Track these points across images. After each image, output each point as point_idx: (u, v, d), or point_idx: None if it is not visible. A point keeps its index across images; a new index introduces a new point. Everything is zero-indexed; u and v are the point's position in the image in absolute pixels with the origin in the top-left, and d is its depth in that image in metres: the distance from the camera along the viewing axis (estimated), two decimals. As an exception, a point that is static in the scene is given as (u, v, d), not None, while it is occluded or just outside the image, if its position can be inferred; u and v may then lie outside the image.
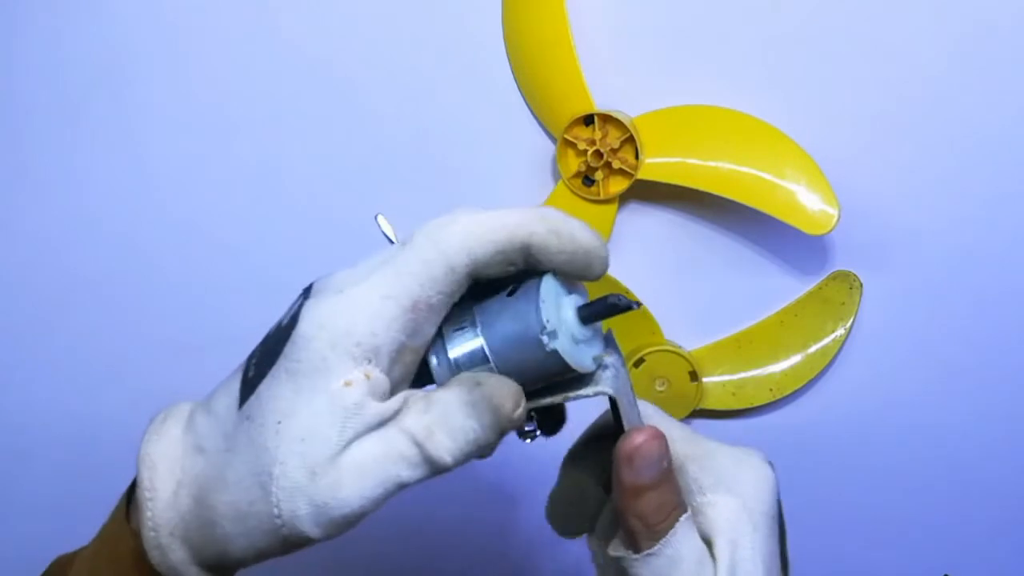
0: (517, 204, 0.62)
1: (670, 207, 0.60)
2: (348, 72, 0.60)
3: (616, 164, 0.56)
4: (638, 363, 0.60)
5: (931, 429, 0.62)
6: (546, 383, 0.31)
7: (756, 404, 0.61)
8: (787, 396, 0.60)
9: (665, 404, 0.60)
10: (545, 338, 0.29)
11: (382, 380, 0.30)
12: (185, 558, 0.31)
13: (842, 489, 0.63)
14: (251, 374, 0.32)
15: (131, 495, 0.34)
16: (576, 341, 0.30)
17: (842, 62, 0.56)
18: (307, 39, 0.60)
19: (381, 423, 0.30)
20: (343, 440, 0.29)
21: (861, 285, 0.59)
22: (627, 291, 0.59)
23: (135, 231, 0.63)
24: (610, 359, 0.32)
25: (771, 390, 0.60)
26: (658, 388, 0.60)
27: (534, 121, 0.60)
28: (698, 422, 0.63)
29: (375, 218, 0.62)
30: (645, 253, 0.61)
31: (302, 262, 0.63)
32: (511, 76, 0.59)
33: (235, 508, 0.30)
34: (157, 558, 0.31)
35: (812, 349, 0.60)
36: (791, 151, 0.55)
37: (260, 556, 0.31)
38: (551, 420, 0.35)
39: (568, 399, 0.32)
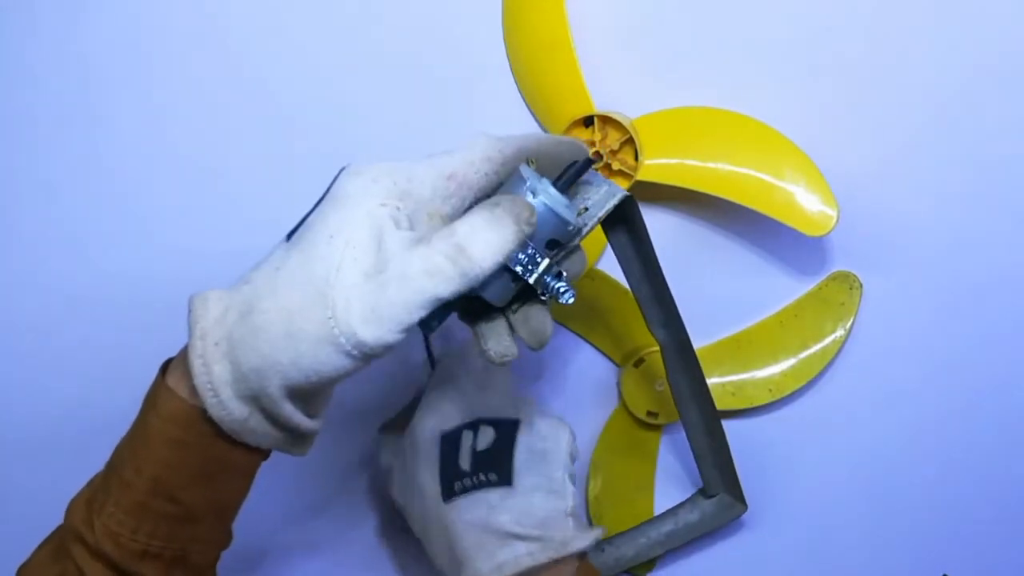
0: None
1: (670, 208, 0.60)
2: (348, 73, 0.60)
3: (616, 165, 0.56)
4: (638, 363, 0.60)
5: (931, 429, 0.62)
6: (557, 241, 0.40)
7: (756, 404, 0.61)
8: (787, 396, 0.61)
9: (665, 404, 0.61)
10: (529, 195, 0.38)
11: (407, 220, 0.37)
12: (225, 374, 0.36)
13: (841, 489, 0.63)
14: (294, 228, 0.38)
15: (165, 370, 0.40)
16: (563, 207, 0.40)
17: (841, 63, 0.56)
18: (307, 40, 0.60)
19: (413, 243, 0.35)
20: (385, 249, 0.35)
21: (861, 286, 0.59)
22: (627, 292, 0.59)
23: (136, 231, 0.63)
24: (606, 185, 0.44)
25: (771, 390, 0.60)
26: (658, 388, 0.60)
27: (534, 122, 0.60)
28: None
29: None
30: (645, 254, 0.61)
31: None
32: (511, 77, 0.59)
33: (286, 311, 0.34)
34: (199, 370, 0.36)
35: (812, 349, 0.60)
36: (790, 152, 0.55)
37: (299, 369, 0.35)
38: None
39: (600, 220, 0.43)
